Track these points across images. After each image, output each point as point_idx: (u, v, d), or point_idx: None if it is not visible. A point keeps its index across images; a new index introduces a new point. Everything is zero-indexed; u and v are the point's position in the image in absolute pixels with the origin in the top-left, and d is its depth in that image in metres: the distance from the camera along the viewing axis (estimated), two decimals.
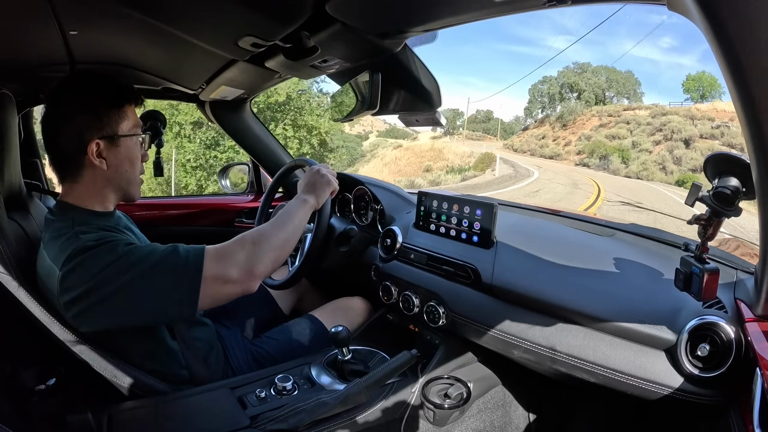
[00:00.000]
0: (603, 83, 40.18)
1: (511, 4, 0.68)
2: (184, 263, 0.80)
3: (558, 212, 1.40)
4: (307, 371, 1.04)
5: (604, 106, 35.78)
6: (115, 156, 0.88)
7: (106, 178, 0.89)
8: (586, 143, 29.22)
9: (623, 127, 29.10)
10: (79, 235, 0.80)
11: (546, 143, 34.10)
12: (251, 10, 0.76)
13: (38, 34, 0.85)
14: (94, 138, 0.85)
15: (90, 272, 0.76)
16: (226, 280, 0.83)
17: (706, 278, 0.67)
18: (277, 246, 0.90)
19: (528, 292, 0.95)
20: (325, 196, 1.07)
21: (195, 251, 0.82)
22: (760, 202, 0.56)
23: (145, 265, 0.78)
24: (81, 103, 0.86)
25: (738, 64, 0.42)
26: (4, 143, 0.93)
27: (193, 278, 0.80)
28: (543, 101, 44.51)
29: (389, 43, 0.89)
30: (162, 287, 0.79)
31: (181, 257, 0.81)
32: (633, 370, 0.80)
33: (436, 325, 1.12)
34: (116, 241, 0.80)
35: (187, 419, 0.85)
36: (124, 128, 0.89)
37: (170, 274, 0.79)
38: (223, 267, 0.82)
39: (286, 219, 0.96)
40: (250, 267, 0.85)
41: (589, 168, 25.68)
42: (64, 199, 0.89)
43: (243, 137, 1.76)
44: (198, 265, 0.80)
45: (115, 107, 0.88)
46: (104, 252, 0.78)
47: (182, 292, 0.80)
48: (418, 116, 1.10)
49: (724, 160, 0.66)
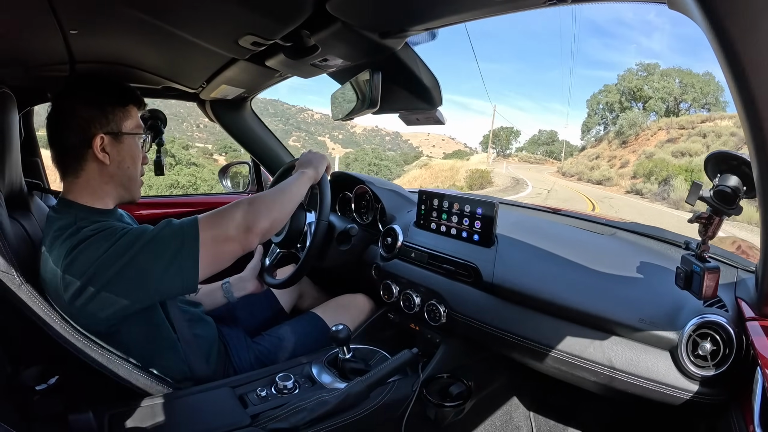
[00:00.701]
0: (675, 89, 31.87)
1: (511, 2, 0.68)
2: (180, 233, 0.83)
3: (559, 211, 1.40)
4: (308, 370, 1.04)
5: (675, 118, 27.73)
6: (118, 152, 0.91)
7: (108, 174, 0.91)
8: (645, 162, 21.70)
9: (697, 141, 22.13)
10: (80, 229, 0.82)
11: (598, 164, 27.85)
12: (251, 9, 0.76)
13: (39, 33, 0.85)
14: (99, 132, 0.88)
15: (89, 259, 0.78)
16: (225, 239, 0.85)
17: (706, 277, 0.67)
18: (274, 206, 0.94)
19: (529, 291, 0.95)
20: (321, 168, 1.12)
21: (189, 220, 0.85)
22: (761, 200, 0.56)
23: (141, 242, 0.80)
24: (87, 99, 0.89)
25: (738, 63, 0.42)
26: (5, 142, 0.93)
27: (191, 245, 0.82)
28: (603, 114, 37.24)
29: (390, 42, 0.89)
30: (161, 259, 0.81)
31: (176, 228, 0.84)
32: (634, 369, 0.80)
33: (436, 323, 1.12)
34: (113, 228, 0.83)
35: (188, 418, 0.85)
36: (128, 126, 0.92)
37: (168, 244, 0.82)
38: (219, 227, 0.85)
39: (283, 185, 1.01)
40: (248, 223, 0.88)
41: (643, 197, 18.19)
42: (65, 196, 0.90)
43: (243, 136, 1.76)
44: (194, 232, 0.83)
45: (120, 105, 0.91)
46: (101, 238, 0.80)
47: (182, 259, 0.82)
48: (418, 115, 1.10)
49: (724, 159, 0.66)
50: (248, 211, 0.89)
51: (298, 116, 74.55)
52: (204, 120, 10.82)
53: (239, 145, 1.81)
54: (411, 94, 1.06)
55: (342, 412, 0.91)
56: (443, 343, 1.14)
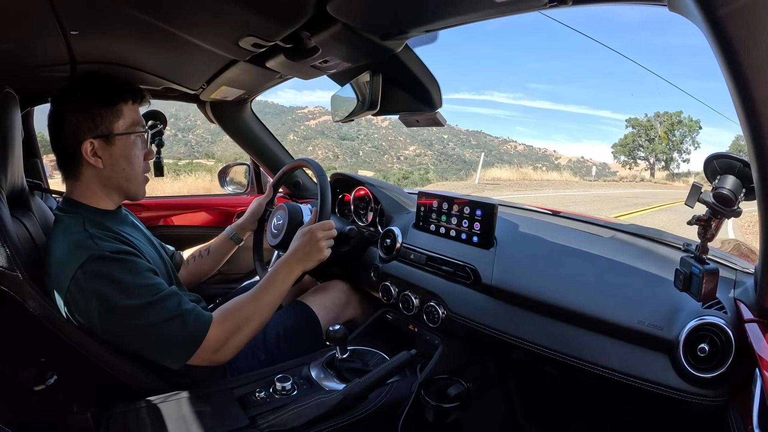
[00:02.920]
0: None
1: (512, 4, 0.68)
2: (183, 338, 0.85)
3: (558, 213, 1.40)
4: (307, 371, 1.04)
5: None
6: (110, 155, 0.90)
7: (104, 177, 0.91)
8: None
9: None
10: (96, 241, 0.83)
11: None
12: (252, 10, 0.77)
13: (40, 34, 0.85)
14: (87, 137, 0.87)
15: (104, 286, 0.80)
16: (207, 360, 0.89)
17: (705, 279, 0.67)
18: (258, 328, 0.95)
19: (528, 293, 0.95)
20: (314, 265, 1.04)
21: (200, 328, 0.86)
22: (760, 202, 0.56)
23: (150, 317, 0.82)
24: (74, 103, 0.88)
25: (738, 64, 0.42)
26: (7, 142, 0.93)
27: (186, 351, 0.85)
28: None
29: (390, 44, 0.89)
30: (154, 342, 0.84)
31: (187, 330, 0.85)
32: (633, 371, 0.80)
33: (435, 325, 1.12)
34: (134, 263, 0.84)
35: (187, 419, 0.85)
36: (120, 127, 0.90)
37: (165, 332, 0.84)
38: (212, 356, 0.88)
39: (271, 297, 0.97)
40: (231, 350, 0.91)
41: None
42: (69, 196, 0.92)
43: (244, 137, 1.77)
44: (194, 346, 0.85)
45: (108, 106, 0.89)
46: (122, 270, 0.82)
47: (172, 355, 0.85)
48: (418, 117, 1.11)
49: (724, 161, 0.66)
50: (238, 342, 0.91)
51: (500, 147, 74.09)
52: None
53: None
54: (411, 95, 1.06)
55: (340, 414, 0.91)
56: (442, 344, 1.13)
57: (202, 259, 1.31)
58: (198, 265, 1.30)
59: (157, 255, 1.02)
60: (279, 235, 1.21)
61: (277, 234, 1.22)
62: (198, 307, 0.88)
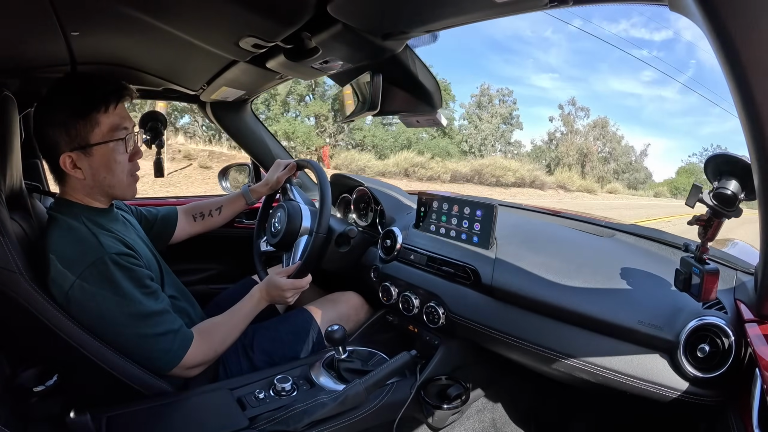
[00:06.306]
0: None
1: (512, 4, 0.68)
2: (166, 354, 0.89)
3: (558, 213, 1.40)
4: (306, 372, 1.04)
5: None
6: (89, 165, 0.89)
7: (88, 185, 0.91)
8: None
9: None
10: (99, 239, 0.85)
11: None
12: (252, 10, 0.76)
13: (40, 34, 0.84)
14: (64, 151, 0.86)
15: (106, 290, 0.83)
16: (177, 375, 0.93)
17: (705, 279, 0.67)
18: (226, 348, 1.00)
19: (528, 293, 0.95)
20: (280, 301, 1.10)
21: (181, 347, 0.90)
22: (761, 202, 0.56)
23: (141, 329, 0.86)
24: (51, 116, 0.86)
25: (739, 64, 0.42)
26: (6, 144, 0.93)
27: (163, 367, 0.89)
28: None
29: (390, 44, 0.89)
30: (140, 350, 0.87)
31: (171, 348, 0.89)
32: (633, 371, 0.80)
33: (435, 325, 1.12)
34: (136, 271, 0.87)
35: (186, 420, 0.85)
36: (97, 136, 0.87)
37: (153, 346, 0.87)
38: (183, 371, 0.92)
39: (243, 324, 1.04)
40: (201, 369, 0.96)
41: None
42: (62, 196, 0.93)
43: (244, 138, 1.77)
44: (172, 365, 0.90)
45: (81, 118, 0.86)
46: (124, 277, 0.85)
47: (150, 367, 0.89)
48: (419, 117, 1.11)
49: (724, 161, 0.66)
50: (208, 357, 0.96)
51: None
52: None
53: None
54: (412, 96, 1.06)
55: (340, 414, 0.91)
56: (442, 345, 1.13)
57: (212, 218, 1.35)
58: (205, 223, 1.35)
59: (149, 252, 1.02)
60: (278, 235, 1.21)
61: (277, 234, 1.22)
62: (183, 327, 0.92)
